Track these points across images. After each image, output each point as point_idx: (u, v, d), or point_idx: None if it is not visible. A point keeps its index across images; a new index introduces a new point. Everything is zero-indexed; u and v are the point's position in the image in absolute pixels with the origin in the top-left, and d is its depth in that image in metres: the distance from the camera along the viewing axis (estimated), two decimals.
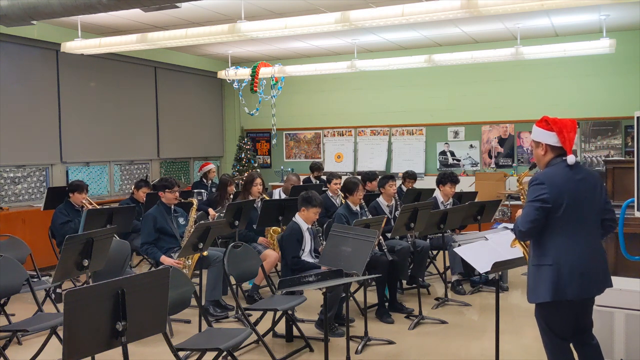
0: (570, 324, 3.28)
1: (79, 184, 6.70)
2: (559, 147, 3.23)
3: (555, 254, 3.13)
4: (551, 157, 3.26)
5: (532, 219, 3.12)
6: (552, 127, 3.23)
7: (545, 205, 3.11)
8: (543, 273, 3.16)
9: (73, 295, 2.61)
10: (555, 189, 3.12)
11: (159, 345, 4.46)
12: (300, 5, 7.24)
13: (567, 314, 3.23)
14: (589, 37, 8.70)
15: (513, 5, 5.49)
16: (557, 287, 3.11)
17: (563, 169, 3.18)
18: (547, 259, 3.15)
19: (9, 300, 5.14)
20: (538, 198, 3.12)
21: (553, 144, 3.24)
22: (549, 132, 3.24)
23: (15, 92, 8.05)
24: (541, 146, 3.29)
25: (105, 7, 5.17)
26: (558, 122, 3.23)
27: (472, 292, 6.43)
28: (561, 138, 3.20)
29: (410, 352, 4.72)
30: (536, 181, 3.17)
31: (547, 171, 3.23)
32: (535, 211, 3.12)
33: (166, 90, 10.85)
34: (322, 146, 11.77)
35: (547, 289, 3.13)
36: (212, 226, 5.04)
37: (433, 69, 10.14)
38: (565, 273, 3.10)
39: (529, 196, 3.19)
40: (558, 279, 3.11)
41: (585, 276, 3.12)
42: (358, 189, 5.91)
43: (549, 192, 3.11)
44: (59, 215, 6.49)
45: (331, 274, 3.85)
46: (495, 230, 5.05)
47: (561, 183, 3.14)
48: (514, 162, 10.27)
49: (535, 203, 3.13)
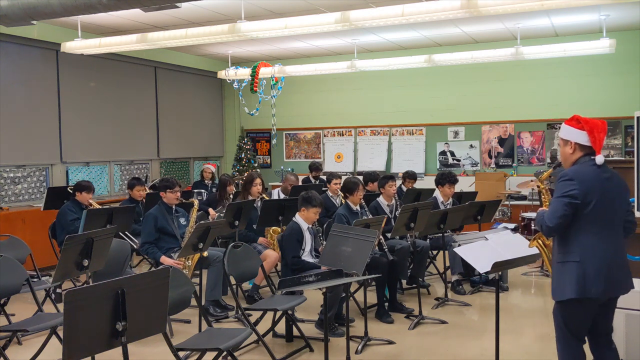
0: (586, 324, 3.27)
1: (87, 184, 6.70)
2: (587, 147, 3.23)
3: (581, 251, 3.13)
4: (579, 155, 3.26)
5: (560, 215, 3.12)
6: (583, 126, 3.24)
7: (574, 201, 3.11)
8: (568, 270, 3.16)
9: (73, 295, 2.61)
10: (585, 186, 3.12)
11: (159, 345, 4.46)
12: (300, 5, 7.24)
13: (586, 313, 3.22)
14: (589, 37, 8.70)
15: (513, 5, 5.49)
16: (582, 285, 3.10)
17: (591, 168, 3.19)
18: (573, 256, 3.15)
19: (9, 300, 5.14)
20: (567, 194, 3.12)
21: (583, 143, 3.24)
22: (580, 131, 3.25)
23: (15, 92, 8.05)
24: (570, 144, 3.29)
25: (105, 7, 5.17)
26: (589, 122, 3.24)
27: (472, 292, 6.43)
28: (591, 138, 3.21)
29: (410, 352, 4.72)
30: (566, 177, 3.17)
31: (576, 168, 3.23)
32: (564, 207, 3.12)
33: (166, 90, 10.85)
34: (322, 146, 11.77)
35: (572, 286, 3.13)
36: (212, 226, 5.04)
37: (433, 69, 10.14)
38: (590, 271, 3.10)
39: (558, 192, 3.18)
40: (584, 277, 3.11)
41: (610, 275, 3.12)
42: (358, 189, 5.91)
43: (578, 189, 3.11)
44: (67, 212, 6.46)
45: (331, 274, 3.85)
46: (495, 230, 5.06)
47: (590, 181, 3.14)
48: (514, 162, 10.27)
49: (564, 199, 3.12)
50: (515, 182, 9.49)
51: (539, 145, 10.10)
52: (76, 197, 6.62)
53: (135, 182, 7.31)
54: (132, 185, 7.30)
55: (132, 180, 7.38)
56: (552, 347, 4.71)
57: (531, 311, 5.84)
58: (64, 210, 6.52)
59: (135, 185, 7.27)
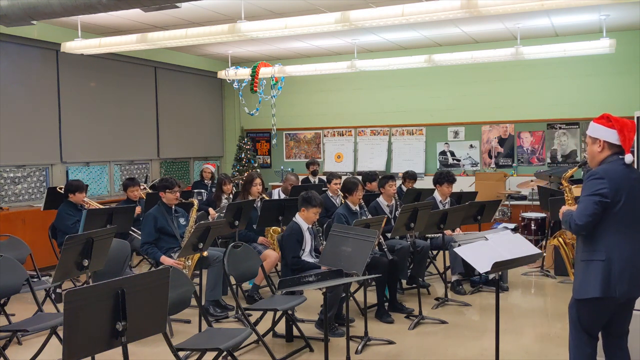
0: (601, 323, 3.27)
1: (77, 184, 6.61)
2: (617, 146, 3.22)
3: (608, 250, 3.12)
4: (607, 154, 3.24)
5: (590, 213, 3.11)
6: (613, 124, 3.22)
7: (604, 200, 3.10)
8: (593, 268, 3.15)
9: (73, 295, 2.61)
10: (614, 185, 3.12)
11: (159, 345, 4.46)
12: (300, 5, 7.24)
13: (604, 312, 3.22)
14: (589, 37, 8.70)
15: (513, 5, 5.49)
16: (607, 284, 3.10)
17: (620, 167, 3.18)
18: (599, 255, 3.14)
19: (9, 300, 5.14)
20: (597, 192, 3.11)
21: (612, 142, 3.22)
22: (610, 130, 3.23)
23: (15, 92, 8.05)
24: (598, 143, 3.26)
25: (105, 7, 5.17)
26: (620, 121, 3.23)
27: (472, 292, 6.43)
28: (621, 137, 3.20)
29: (410, 352, 4.72)
30: (595, 175, 3.16)
31: (605, 167, 3.21)
32: (594, 205, 3.10)
33: (166, 90, 10.85)
34: (322, 146, 11.77)
35: (596, 285, 3.12)
36: (212, 226, 5.04)
37: (433, 69, 10.14)
38: (616, 270, 3.10)
39: (586, 190, 3.17)
40: (609, 276, 3.10)
41: (635, 275, 3.12)
42: (357, 189, 5.91)
43: (608, 187, 3.11)
44: (65, 217, 6.40)
45: (331, 274, 3.85)
46: (495, 230, 5.05)
47: (619, 180, 3.14)
48: (514, 162, 10.27)
49: (594, 197, 3.11)
50: (515, 182, 9.50)
51: (539, 145, 10.10)
52: (70, 199, 6.54)
53: (129, 183, 7.22)
54: (126, 186, 7.24)
55: (126, 181, 7.30)
56: (552, 347, 4.72)
57: (531, 311, 5.84)
58: (62, 215, 6.45)
59: (129, 186, 7.21)
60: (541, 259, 7.43)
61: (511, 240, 3.95)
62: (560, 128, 9.93)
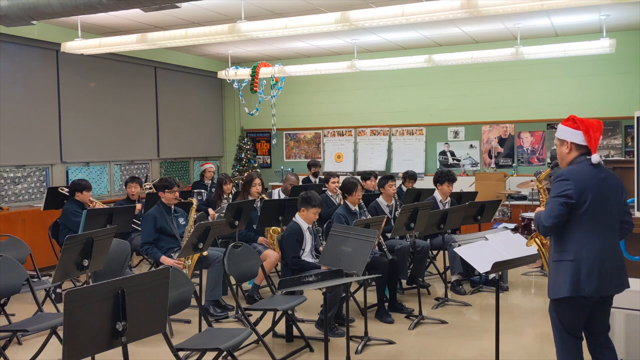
0: (582, 322, 3.29)
1: (85, 183, 6.64)
2: (583, 146, 3.26)
3: (576, 250, 3.16)
4: (575, 155, 3.29)
5: (556, 214, 3.14)
6: (579, 125, 3.26)
7: (569, 201, 3.14)
8: (563, 268, 3.18)
9: (73, 295, 2.61)
10: (580, 186, 3.15)
11: (159, 345, 4.46)
12: (300, 5, 7.24)
13: (580, 311, 3.24)
14: (589, 37, 8.71)
15: (513, 5, 5.49)
16: (576, 283, 3.13)
17: (587, 167, 3.22)
18: (568, 255, 3.17)
19: (9, 300, 5.14)
20: (562, 194, 3.15)
21: (578, 143, 3.27)
22: (576, 131, 3.27)
23: (15, 92, 8.05)
24: (566, 144, 3.32)
25: (105, 7, 5.17)
26: (585, 122, 3.26)
27: (472, 292, 6.43)
28: (587, 137, 3.24)
29: (410, 352, 4.72)
30: (561, 177, 3.20)
31: (571, 168, 3.25)
32: (559, 206, 3.14)
33: (166, 90, 10.85)
34: (322, 146, 11.77)
35: (566, 284, 3.15)
36: (212, 226, 5.04)
37: (433, 69, 10.14)
38: (584, 269, 3.13)
39: (553, 192, 3.21)
40: (578, 275, 3.13)
41: (604, 274, 3.14)
42: (357, 189, 5.91)
43: (573, 188, 3.14)
44: (73, 213, 6.41)
45: (331, 274, 3.85)
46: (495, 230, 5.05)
47: (585, 180, 3.17)
48: (514, 162, 10.27)
49: (559, 198, 3.15)
50: (515, 182, 9.49)
51: (539, 145, 10.10)
52: (76, 197, 6.59)
53: (130, 180, 7.31)
54: (126, 182, 7.33)
55: (128, 179, 7.37)
56: (552, 347, 4.70)
57: (531, 311, 5.84)
58: (69, 212, 6.45)
59: (129, 183, 7.27)
60: (541, 259, 7.41)
61: (511, 240, 3.96)
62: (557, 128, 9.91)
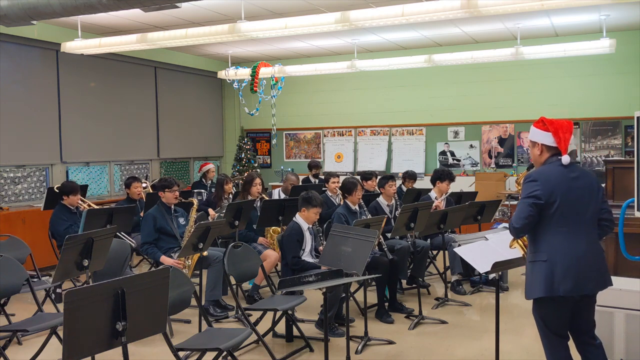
0: (565, 321, 3.30)
1: (71, 185, 6.51)
2: (554, 147, 3.29)
3: (549, 251, 3.18)
4: (547, 156, 3.32)
5: (525, 215, 3.17)
6: (548, 127, 3.29)
7: (537, 202, 3.16)
8: (537, 269, 3.21)
9: (73, 295, 2.61)
10: (548, 186, 3.17)
11: (159, 345, 4.46)
12: (300, 5, 7.24)
13: (561, 310, 3.25)
14: (589, 37, 8.70)
15: (513, 5, 5.49)
16: (550, 283, 3.15)
17: (557, 168, 3.24)
18: (541, 255, 3.20)
19: (9, 300, 5.14)
20: (531, 195, 3.18)
21: (549, 144, 3.30)
22: (545, 132, 3.30)
23: (15, 92, 8.05)
24: (537, 146, 3.35)
25: (105, 7, 5.17)
26: (554, 123, 3.29)
27: (472, 292, 6.43)
28: (556, 138, 3.26)
29: (410, 352, 4.72)
30: (529, 178, 3.24)
31: (540, 169, 3.29)
32: (528, 207, 3.17)
33: (166, 90, 10.85)
34: (322, 146, 11.77)
35: (540, 285, 3.18)
36: (212, 226, 5.04)
37: (433, 69, 10.14)
38: (558, 269, 3.14)
39: (523, 193, 3.25)
40: (552, 275, 3.15)
41: (579, 273, 3.15)
42: (357, 189, 5.91)
43: (541, 189, 3.17)
44: (59, 222, 6.35)
45: (331, 274, 3.85)
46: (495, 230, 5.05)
47: (554, 180, 3.19)
48: (514, 162, 10.27)
49: (528, 199, 3.18)
50: (514, 183, 9.49)
51: None
52: (63, 202, 6.46)
53: (132, 180, 7.27)
54: (129, 183, 7.26)
55: (129, 179, 7.33)
56: None
57: (531, 311, 5.82)
58: (55, 219, 6.39)
59: (132, 183, 7.22)
60: None
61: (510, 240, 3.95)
62: None
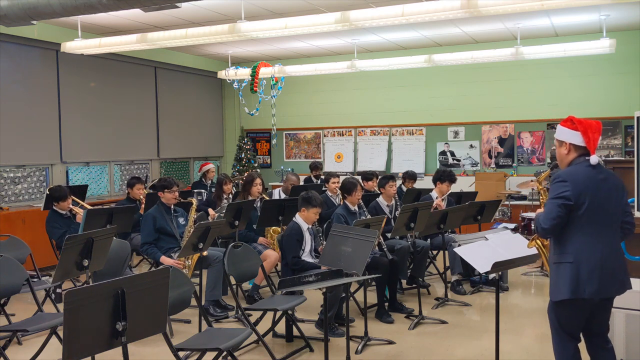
0: (581, 324, 3.29)
1: (60, 191, 6.40)
2: (582, 147, 3.24)
3: (576, 252, 3.14)
4: (574, 156, 3.27)
5: (554, 216, 3.13)
6: (577, 126, 3.24)
7: (567, 203, 3.12)
8: (563, 270, 3.17)
9: (73, 295, 2.61)
10: (578, 187, 3.13)
11: (159, 345, 4.46)
12: (300, 5, 7.24)
13: (580, 313, 3.24)
14: (589, 37, 8.70)
15: (513, 5, 5.49)
16: (576, 285, 3.12)
17: (585, 168, 3.20)
18: (568, 257, 3.16)
19: (9, 300, 5.14)
20: (560, 195, 3.14)
21: (577, 144, 3.25)
22: (574, 132, 3.25)
23: (15, 92, 8.05)
24: (565, 145, 3.30)
25: (105, 7, 5.17)
26: (583, 122, 3.24)
27: (472, 292, 6.43)
28: (585, 138, 3.22)
29: (410, 352, 4.72)
30: (559, 179, 3.19)
31: (569, 169, 3.24)
32: (557, 208, 3.13)
33: (166, 90, 10.85)
34: (322, 146, 11.77)
35: (566, 287, 3.14)
36: (212, 226, 5.04)
37: (433, 69, 10.14)
38: (584, 271, 3.11)
39: (551, 193, 3.20)
40: (577, 277, 3.12)
41: (605, 275, 3.13)
42: (356, 189, 5.91)
43: (571, 190, 3.12)
44: (53, 230, 6.31)
45: (331, 274, 3.85)
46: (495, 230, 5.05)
47: (583, 181, 3.15)
48: (514, 162, 10.27)
49: (557, 200, 3.14)
50: (515, 182, 9.49)
51: (539, 145, 10.10)
52: (54, 207, 6.40)
53: (136, 181, 7.28)
54: (132, 183, 7.26)
55: (132, 180, 7.34)
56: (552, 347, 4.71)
57: (531, 311, 5.83)
58: (49, 228, 6.34)
59: (136, 184, 7.24)
60: (541, 259, 7.42)
61: (511, 240, 3.96)
62: None
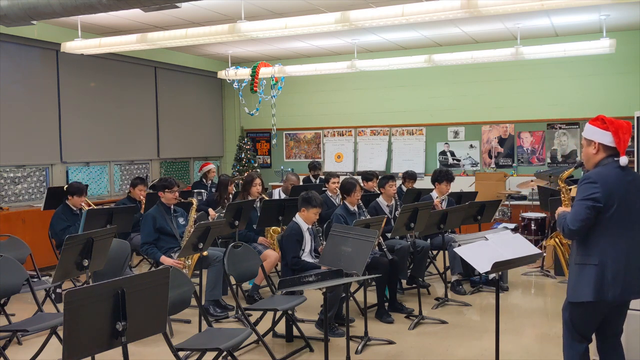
0: (595, 325, 3.27)
1: (79, 186, 6.57)
2: (612, 148, 3.19)
3: (601, 255, 3.11)
4: (602, 156, 3.21)
5: (582, 218, 3.09)
6: (608, 126, 3.19)
7: (596, 205, 3.08)
8: (586, 272, 3.14)
9: (73, 295, 2.61)
10: (607, 189, 3.09)
11: (159, 345, 4.46)
12: (300, 5, 7.24)
13: (597, 315, 3.22)
14: (589, 37, 8.70)
15: (513, 5, 5.49)
16: (600, 288, 3.09)
17: (614, 170, 3.15)
18: (592, 259, 3.12)
19: (9, 300, 5.14)
20: (590, 197, 3.09)
21: (607, 144, 3.19)
22: (605, 132, 3.19)
23: (15, 92, 8.05)
24: (593, 145, 3.23)
25: (105, 7, 5.16)
26: (614, 123, 3.19)
27: (472, 292, 6.43)
28: (616, 139, 3.16)
29: (410, 352, 4.72)
30: (588, 180, 3.13)
31: (599, 170, 3.18)
32: (586, 210, 3.08)
33: (166, 90, 10.85)
34: (322, 146, 11.77)
35: (589, 289, 3.11)
36: (212, 226, 5.04)
37: (433, 69, 10.14)
38: (608, 274, 3.08)
39: (580, 194, 3.14)
40: (602, 280, 3.09)
41: (629, 279, 3.10)
42: (356, 189, 5.91)
43: (601, 192, 3.08)
44: (58, 221, 6.37)
45: (331, 274, 3.85)
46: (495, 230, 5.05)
47: (613, 183, 3.10)
48: (514, 162, 10.26)
49: (586, 202, 3.09)
50: (515, 182, 9.50)
51: (539, 145, 10.10)
52: (67, 202, 6.49)
53: (139, 182, 7.33)
54: (136, 184, 7.31)
55: (136, 180, 7.38)
56: (552, 347, 4.72)
57: (531, 311, 5.84)
58: (55, 219, 6.41)
59: (138, 184, 7.28)
60: (541, 259, 7.43)
61: (511, 240, 3.95)
62: (560, 128, 9.93)
